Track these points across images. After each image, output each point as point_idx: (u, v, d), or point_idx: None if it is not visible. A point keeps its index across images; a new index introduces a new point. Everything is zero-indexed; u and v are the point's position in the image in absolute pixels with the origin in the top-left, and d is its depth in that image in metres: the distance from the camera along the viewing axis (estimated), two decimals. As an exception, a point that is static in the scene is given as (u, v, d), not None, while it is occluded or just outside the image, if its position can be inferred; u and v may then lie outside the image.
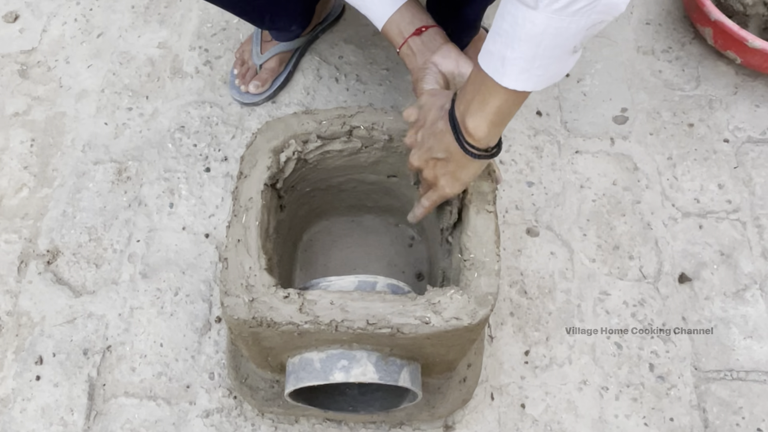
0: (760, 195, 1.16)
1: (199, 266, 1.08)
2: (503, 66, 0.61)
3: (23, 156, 1.19)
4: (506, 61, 0.61)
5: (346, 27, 1.35)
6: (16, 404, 0.97)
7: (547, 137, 1.22)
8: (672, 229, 1.13)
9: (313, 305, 0.72)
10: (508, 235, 1.11)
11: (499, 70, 0.62)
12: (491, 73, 0.63)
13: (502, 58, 0.61)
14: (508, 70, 0.61)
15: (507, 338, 1.03)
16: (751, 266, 1.09)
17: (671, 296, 1.07)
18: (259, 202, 0.79)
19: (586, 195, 1.16)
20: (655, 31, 1.37)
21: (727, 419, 0.97)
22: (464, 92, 0.68)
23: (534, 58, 0.60)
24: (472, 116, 0.67)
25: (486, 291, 0.73)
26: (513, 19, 0.58)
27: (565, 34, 0.58)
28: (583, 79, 1.29)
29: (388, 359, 0.76)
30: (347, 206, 1.04)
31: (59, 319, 1.03)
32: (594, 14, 0.57)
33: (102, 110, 1.24)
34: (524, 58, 0.60)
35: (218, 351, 1.01)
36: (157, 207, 1.13)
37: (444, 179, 0.75)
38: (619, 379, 1.00)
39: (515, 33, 0.59)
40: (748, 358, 1.02)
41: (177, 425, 0.95)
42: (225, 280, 0.74)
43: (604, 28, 0.65)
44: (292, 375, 0.77)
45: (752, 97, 1.27)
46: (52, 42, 1.33)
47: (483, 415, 0.97)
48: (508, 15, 0.59)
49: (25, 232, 1.11)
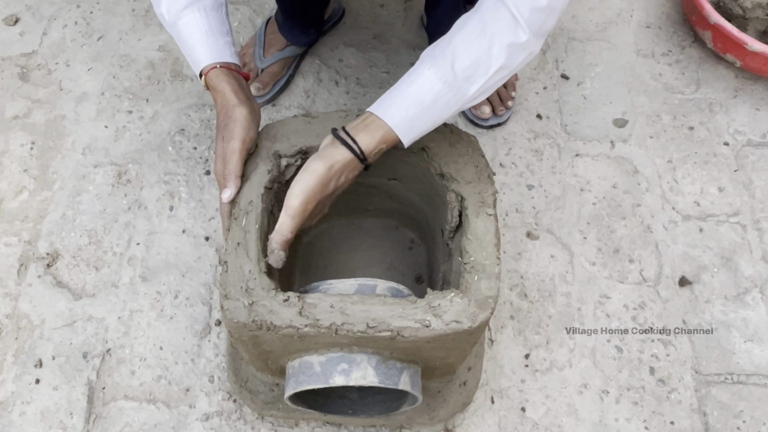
0: (761, 198, 1.16)
1: (198, 269, 1.08)
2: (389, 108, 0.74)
3: (23, 159, 1.19)
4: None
5: (346, 30, 1.35)
6: (16, 407, 0.97)
7: (547, 140, 1.22)
8: (672, 233, 1.13)
9: (313, 308, 0.72)
10: (509, 238, 1.11)
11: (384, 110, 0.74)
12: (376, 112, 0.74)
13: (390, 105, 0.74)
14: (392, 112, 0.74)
15: (507, 341, 1.02)
16: (751, 269, 1.09)
17: (671, 299, 1.07)
18: (259, 205, 0.79)
19: (586, 198, 1.16)
20: (655, 35, 1.37)
21: (727, 423, 0.97)
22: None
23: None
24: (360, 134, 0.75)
25: (486, 294, 0.73)
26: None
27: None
28: (583, 82, 1.30)
29: (388, 362, 0.76)
30: (347, 209, 1.04)
31: (59, 322, 1.03)
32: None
33: (102, 113, 1.24)
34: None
35: (218, 354, 1.01)
36: (157, 210, 1.13)
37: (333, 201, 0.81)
38: (620, 383, 1.00)
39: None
40: (749, 362, 1.02)
41: (176, 429, 0.95)
42: (225, 284, 0.74)
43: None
44: (291, 378, 0.77)
45: (752, 101, 1.27)
46: (53, 45, 1.33)
47: (483, 418, 0.97)
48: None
49: (25, 235, 1.11)
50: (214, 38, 0.82)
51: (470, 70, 0.72)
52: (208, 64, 0.82)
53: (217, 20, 0.83)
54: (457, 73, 0.72)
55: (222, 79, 0.81)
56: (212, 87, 0.82)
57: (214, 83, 0.81)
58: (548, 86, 1.29)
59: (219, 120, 0.81)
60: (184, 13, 0.81)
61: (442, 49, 0.73)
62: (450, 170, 0.82)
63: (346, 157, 0.74)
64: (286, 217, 0.74)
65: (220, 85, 0.81)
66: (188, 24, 0.81)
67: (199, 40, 0.82)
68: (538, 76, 1.30)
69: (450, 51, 0.72)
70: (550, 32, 1.35)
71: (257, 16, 1.37)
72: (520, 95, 1.27)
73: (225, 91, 0.80)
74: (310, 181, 0.73)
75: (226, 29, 0.85)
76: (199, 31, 0.81)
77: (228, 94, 0.80)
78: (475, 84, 0.73)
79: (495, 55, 0.71)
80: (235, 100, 0.80)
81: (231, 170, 0.79)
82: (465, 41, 0.72)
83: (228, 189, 0.79)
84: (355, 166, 0.76)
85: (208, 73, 0.82)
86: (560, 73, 1.31)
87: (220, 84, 0.81)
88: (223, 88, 0.81)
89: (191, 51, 0.83)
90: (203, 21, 0.82)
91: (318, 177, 0.73)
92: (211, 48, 0.82)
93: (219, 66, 0.82)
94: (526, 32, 0.70)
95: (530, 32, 0.71)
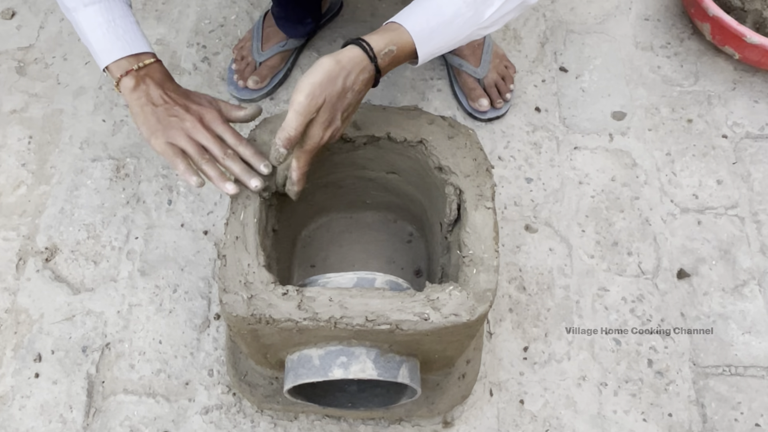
0: (759, 191, 1.16)
1: (197, 263, 1.08)
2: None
3: (21, 153, 1.19)
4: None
5: (344, 23, 1.35)
6: (15, 402, 0.97)
7: (545, 133, 1.22)
8: (670, 225, 1.13)
9: (312, 302, 0.72)
10: (507, 231, 1.11)
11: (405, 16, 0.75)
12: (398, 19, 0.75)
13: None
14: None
15: (506, 334, 1.03)
16: (749, 262, 1.09)
17: (670, 292, 1.07)
18: (257, 199, 0.79)
19: (584, 191, 1.16)
20: (654, 27, 1.36)
21: (725, 414, 0.97)
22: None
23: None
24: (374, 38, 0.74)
25: (485, 287, 0.73)
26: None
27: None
28: (582, 75, 1.29)
29: (387, 355, 0.76)
30: (346, 203, 1.04)
31: (58, 317, 1.03)
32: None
33: (100, 107, 1.24)
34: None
35: (217, 348, 1.01)
36: (155, 204, 1.13)
37: (345, 119, 0.76)
38: (618, 375, 1.00)
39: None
40: (747, 354, 1.02)
41: (176, 422, 0.95)
42: (223, 277, 0.74)
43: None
44: (291, 372, 0.77)
45: (751, 93, 1.27)
46: (50, 39, 1.32)
47: (482, 410, 0.97)
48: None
49: (24, 230, 1.11)
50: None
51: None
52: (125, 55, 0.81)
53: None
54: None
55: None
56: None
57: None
58: (547, 79, 1.28)
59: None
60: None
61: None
62: (448, 163, 0.82)
63: (355, 54, 0.72)
64: (291, 113, 0.71)
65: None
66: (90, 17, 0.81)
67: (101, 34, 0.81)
68: (536, 69, 1.29)
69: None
70: (550, 25, 1.35)
71: (255, 9, 1.37)
72: (519, 88, 1.27)
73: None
74: (316, 74, 0.70)
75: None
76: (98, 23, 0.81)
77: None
78: (492, 6, 0.75)
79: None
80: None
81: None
82: None
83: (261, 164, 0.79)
84: (365, 66, 0.73)
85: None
86: (559, 65, 1.30)
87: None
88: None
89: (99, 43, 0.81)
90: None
91: (324, 70, 0.70)
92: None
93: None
94: None
95: None
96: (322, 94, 0.70)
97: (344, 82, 0.71)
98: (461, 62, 1.20)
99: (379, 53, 0.73)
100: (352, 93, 0.73)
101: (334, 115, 0.73)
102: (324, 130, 0.73)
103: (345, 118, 0.75)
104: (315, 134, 0.73)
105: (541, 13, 1.38)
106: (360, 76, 0.73)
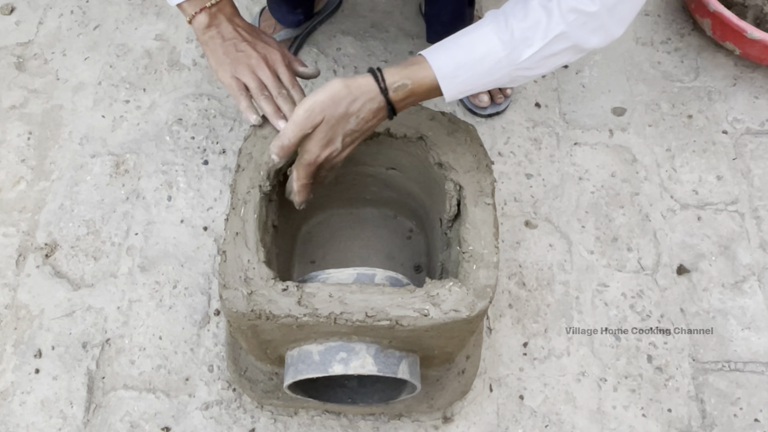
0: (759, 186, 1.16)
1: (197, 259, 1.08)
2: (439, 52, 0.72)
3: (20, 149, 1.19)
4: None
5: (343, 19, 1.34)
6: (16, 397, 0.97)
7: (545, 129, 1.22)
8: (670, 221, 1.13)
9: (312, 298, 0.72)
10: (507, 227, 1.11)
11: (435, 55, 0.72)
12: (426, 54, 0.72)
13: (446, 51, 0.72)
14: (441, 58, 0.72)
15: (506, 330, 1.03)
16: (749, 258, 1.10)
17: (669, 288, 1.07)
18: (257, 195, 0.79)
19: (584, 187, 1.16)
20: (654, 23, 1.36)
21: (724, 410, 0.98)
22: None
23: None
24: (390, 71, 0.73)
25: (484, 283, 0.74)
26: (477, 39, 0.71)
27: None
28: (582, 70, 1.29)
29: (387, 351, 0.76)
30: (346, 199, 1.04)
31: (58, 313, 1.03)
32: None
33: (99, 103, 1.24)
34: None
35: (217, 344, 1.01)
36: (155, 200, 1.13)
37: (348, 145, 0.77)
38: (618, 371, 1.00)
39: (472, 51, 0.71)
40: (746, 350, 1.02)
41: (176, 417, 0.96)
42: (223, 273, 0.74)
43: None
44: (291, 367, 0.78)
45: (751, 89, 1.27)
46: (49, 34, 1.32)
47: (482, 406, 0.97)
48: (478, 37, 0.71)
49: (23, 226, 1.11)
50: None
51: (529, 32, 0.68)
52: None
53: None
54: (514, 32, 0.69)
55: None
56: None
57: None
58: (547, 74, 1.28)
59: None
60: None
61: (505, 9, 0.71)
62: (448, 159, 0.82)
63: (366, 82, 0.71)
64: (289, 123, 0.73)
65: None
66: None
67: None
68: (536, 65, 1.29)
69: (511, 10, 0.70)
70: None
71: (254, 4, 1.36)
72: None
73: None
74: (321, 93, 0.71)
75: None
76: None
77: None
78: (531, 48, 0.69)
79: (556, 18, 0.67)
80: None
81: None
82: (530, 5, 0.69)
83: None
84: (374, 96, 0.72)
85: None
86: (559, 61, 1.30)
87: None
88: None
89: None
90: None
91: (330, 91, 0.71)
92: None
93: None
94: (596, 3, 0.65)
95: (601, 3, 0.65)
96: (321, 112, 0.71)
97: (348, 106, 0.72)
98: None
99: (391, 86, 0.72)
100: (356, 120, 0.73)
101: (332, 137, 0.74)
102: (321, 148, 0.74)
103: (347, 144, 0.76)
104: (311, 150, 0.74)
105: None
106: (367, 105, 0.72)
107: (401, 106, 0.74)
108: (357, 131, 0.75)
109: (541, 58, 0.70)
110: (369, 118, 0.74)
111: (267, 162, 0.76)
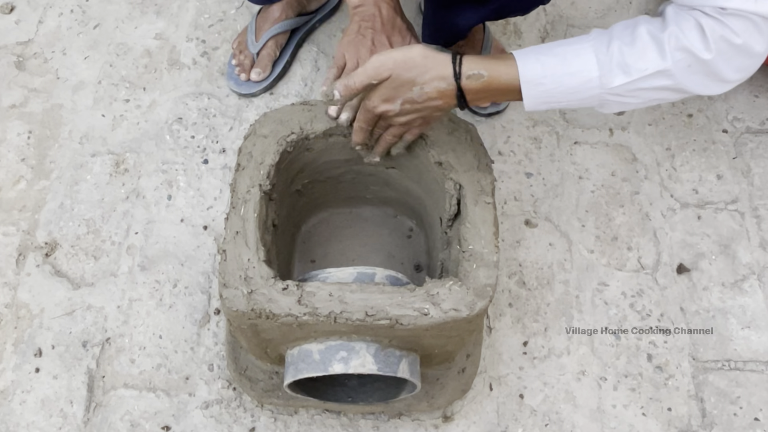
0: (759, 185, 1.16)
1: (197, 258, 1.08)
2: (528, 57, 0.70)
3: (20, 148, 1.19)
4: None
5: (343, 17, 1.34)
6: (16, 396, 0.97)
7: (545, 128, 1.22)
8: (670, 220, 1.13)
9: (312, 297, 0.72)
10: (507, 226, 1.11)
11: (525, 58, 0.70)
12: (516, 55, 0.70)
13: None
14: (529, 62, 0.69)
15: (506, 329, 1.03)
16: (749, 257, 1.10)
17: (669, 287, 1.07)
18: (257, 193, 0.79)
19: (584, 186, 1.16)
20: (654, 21, 1.36)
21: (724, 409, 0.98)
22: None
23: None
24: (470, 61, 0.71)
25: (484, 282, 0.74)
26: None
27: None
28: (582, 69, 1.29)
29: (387, 350, 0.76)
30: (346, 197, 1.04)
31: (58, 312, 1.03)
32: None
33: (99, 102, 1.24)
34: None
35: (217, 343, 1.01)
36: (155, 199, 1.13)
37: (405, 114, 0.76)
38: (618, 370, 1.00)
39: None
40: (746, 348, 1.02)
41: (176, 416, 0.96)
42: (224, 272, 0.74)
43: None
44: (291, 366, 0.78)
45: (751, 88, 1.27)
46: (49, 33, 1.32)
47: (482, 405, 0.97)
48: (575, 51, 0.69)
49: (23, 225, 1.11)
50: None
51: (630, 58, 0.65)
52: None
53: None
54: (614, 54, 0.66)
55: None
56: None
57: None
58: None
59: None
60: None
61: (613, 29, 0.68)
62: (448, 158, 0.82)
63: (444, 60, 0.70)
64: (360, 69, 0.73)
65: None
66: None
67: None
68: (536, 64, 1.29)
69: (619, 33, 0.67)
70: (550, 20, 1.35)
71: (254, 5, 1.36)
72: (519, 83, 1.26)
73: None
74: (398, 52, 0.71)
75: None
76: None
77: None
78: (628, 76, 0.66)
79: (663, 53, 0.64)
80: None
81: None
82: (638, 31, 0.66)
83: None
84: (446, 77, 0.70)
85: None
86: (559, 60, 1.30)
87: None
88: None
89: None
90: None
91: (407, 54, 0.70)
92: None
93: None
94: (712, 51, 0.62)
95: (716, 54, 0.62)
96: (390, 70, 0.71)
97: (417, 75, 0.71)
98: (462, 57, 1.20)
99: (465, 72, 0.70)
100: (420, 92, 0.72)
101: (393, 96, 0.73)
102: (380, 101, 0.74)
103: (406, 112, 0.75)
104: (371, 98, 0.75)
105: (542, 7, 1.37)
106: (434, 82, 0.71)
107: (474, 98, 0.72)
108: (418, 104, 0.73)
109: (636, 89, 0.67)
110: (433, 96, 0.72)
111: (327, 94, 0.75)
